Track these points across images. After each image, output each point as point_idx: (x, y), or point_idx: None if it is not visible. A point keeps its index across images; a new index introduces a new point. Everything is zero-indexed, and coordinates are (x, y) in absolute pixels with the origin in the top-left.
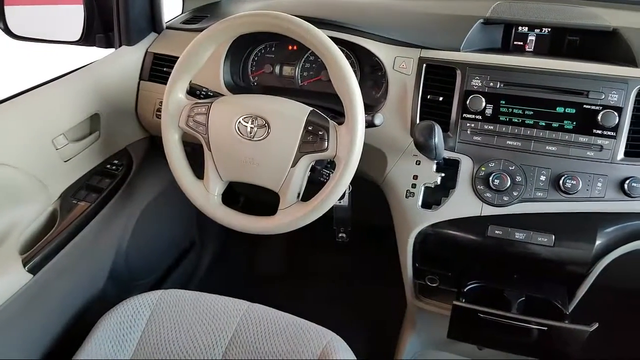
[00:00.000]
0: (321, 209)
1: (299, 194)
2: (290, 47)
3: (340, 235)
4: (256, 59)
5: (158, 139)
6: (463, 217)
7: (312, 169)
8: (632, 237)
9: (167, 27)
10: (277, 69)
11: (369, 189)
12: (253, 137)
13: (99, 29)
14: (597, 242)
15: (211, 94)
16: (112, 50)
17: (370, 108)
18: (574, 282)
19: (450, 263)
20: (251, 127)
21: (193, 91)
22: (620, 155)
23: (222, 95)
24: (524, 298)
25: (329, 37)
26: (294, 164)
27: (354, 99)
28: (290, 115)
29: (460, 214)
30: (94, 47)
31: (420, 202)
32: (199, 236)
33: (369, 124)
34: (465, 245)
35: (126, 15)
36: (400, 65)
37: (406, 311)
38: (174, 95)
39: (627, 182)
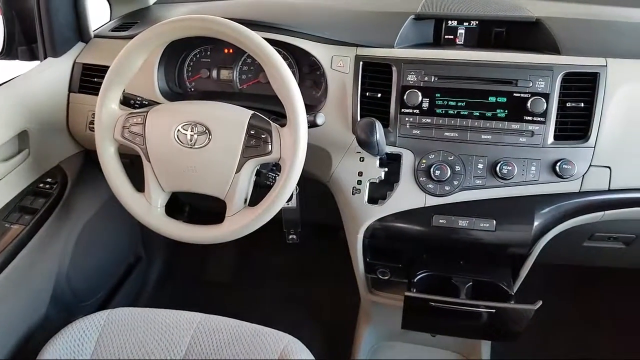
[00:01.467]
0: (269, 212)
1: (245, 199)
2: (226, 50)
3: (290, 236)
4: (192, 64)
5: (93, 153)
6: (408, 209)
7: (258, 173)
8: (566, 216)
9: (95, 36)
10: (214, 73)
11: (316, 188)
12: (194, 145)
13: (21, 41)
14: (536, 223)
15: (146, 102)
16: (37, 62)
17: (312, 108)
18: (517, 263)
19: (399, 255)
20: (191, 135)
21: (127, 101)
22: (550, 139)
23: (158, 103)
24: (471, 283)
25: (264, 39)
26: (238, 170)
27: (294, 100)
28: (231, 120)
29: (406, 206)
30: (17, 61)
31: (366, 198)
32: (145, 250)
33: (311, 124)
34: (413, 236)
35: (50, 25)
36: (338, 64)
37: (360, 306)
38: (107, 106)
39: (558, 164)
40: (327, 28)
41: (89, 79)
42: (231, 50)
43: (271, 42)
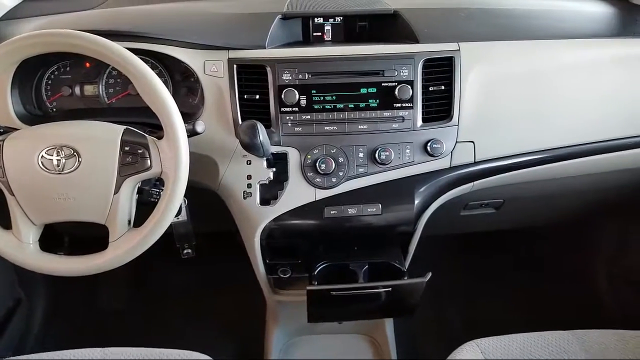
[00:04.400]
0: (157, 231)
1: (129, 220)
2: (88, 64)
3: (185, 251)
4: (50, 82)
5: None
6: (300, 205)
7: (140, 191)
8: (442, 191)
9: None
10: (76, 89)
11: (206, 197)
12: (62, 170)
13: None
14: (416, 202)
15: (1, 129)
16: None
17: (190, 116)
18: (405, 241)
19: (297, 251)
20: (58, 160)
21: None
22: (419, 122)
23: (16, 129)
24: (367, 266)
25: (128, 49)
26: (116, 190)
27: (168, 110)
28: (101, 139)
29: (297, 203)
30: None
31: (258, 200)
32: (25, 290)
33: (191, 133)
34: (308, 231)
35: None
36: (211, 69)
37: (267, 308)
38: None
39: (429, 144)
40: (195, 33)
41: None
42: (93, 64)
43: (136, 51)
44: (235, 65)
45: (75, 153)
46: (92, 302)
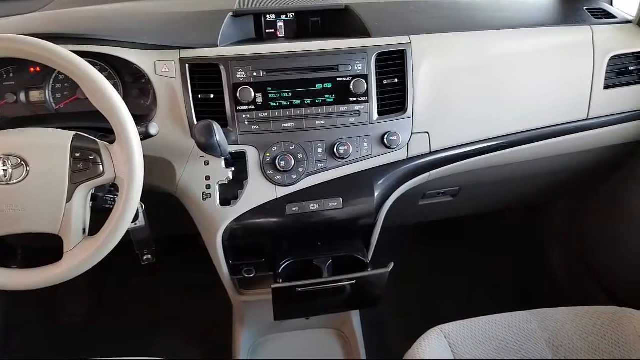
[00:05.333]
0: (113, 239)
1: (84, 229)
2: (32, 69)
3: (145, 257)
4: None
5: None
6: (262, 203)
7: (94, 198)
8: (400, 182)
9: None
10: (21, 96)
11: (164, 200)
12: (10, 181)
13: None
14: (376, 194)
15: None
16: None
17: (143, 118)
18: (367, 233)
19: (261, 250)
20: (4, 170)
21: None
22: (375, 115)
23: None
24: (331, 261)
25: (74, 52)
26: (69, 199)
27: (119, 114)
28: (49, 146)
29: (258, 201)
30: None
31: (218, 201)
32: None
33: (145, 136)
34: (270, 229)
35: None
36: (163, 70)
37: (233, 309)
38: None
39: (386, 136)
40: (144, 33)
41: None
42: (38, 69)
43: (83, 54)
44: (187, 65)
45: (22, 162)
46: (50, 315)
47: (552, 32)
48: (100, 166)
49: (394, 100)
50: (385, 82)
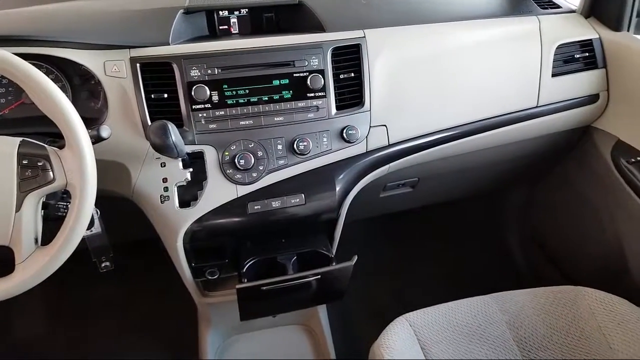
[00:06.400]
0: (68, 248)
1: (36, 239)
2: None
3: (103, 265)
4: None
5: None
6: (222, 203)
7: (46, 206)
8: (360, 175)
9: None
10: None
11: (121, 205)
12: None
13: None
14: (338, 188)
15: None
16: None
17: (94, 121)
18: (331, 228)
19: (224, 251)
20: None
21: None
22: (334, 110)
23: None
24: (295, 257)
25: (17, 54)
26: (18, 208)
27: (67, 117)
28: None
29: (219, 201)
30: None
31: (177, 203)
32: None
33: (96, 139)
34: (233, 229)
35: None
36: (112, 70)
37: (198, 312)
38: None
39: (345, 131)
40: (92, 33)
41: None
42: None
43: (26, 56)
44: (138, 64)
45: None
46: (7, 330)
47: (501, 22)
48: (50, 173)
49: (351, 94)
50: (342, 76)
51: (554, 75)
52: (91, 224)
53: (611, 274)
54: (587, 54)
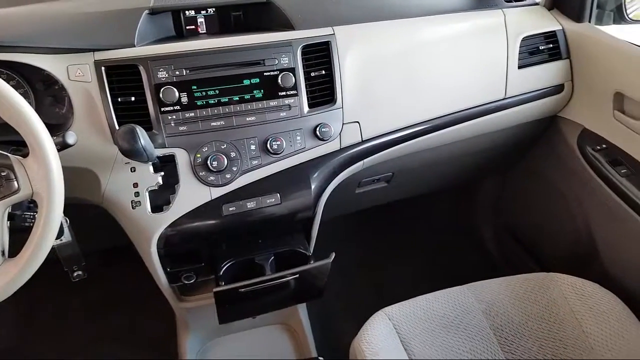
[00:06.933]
0: (36, 259)
1: (2, 251)
2: None
3: (75, 274)
4: None
5: None
6: (196, 207)
7: (12, 216)
8: (335, 173)
9: None
10: None
11: (92, 212)
12: None
13: None
14: (313, 186)
15: None
16: None
17: (59, 127)
18: (307, 226)
19: (199, 254)
20: None
21: None
22: (306, 108)
23: None
24: (273, 257)
25: None
26: None
27: (30, 124)
28: None
29: (193, 205)
30: None
31: (149, 208)
32: None
33: (62, 146)
34: (208, 232)
35: None
36: (76, 74)
37: (176, 317)
38: None
39: (318, 129)
40: (53, 36)
41: None
42: None
43: None
44: (103, 68)
45: None
46: None
47: (468, 17)
48: (15, 182)
49: (323, 92)
50: (313, 74)
51: (520, 67)
52: (60, 233)
53: (582, 259)
54: (551, 46)
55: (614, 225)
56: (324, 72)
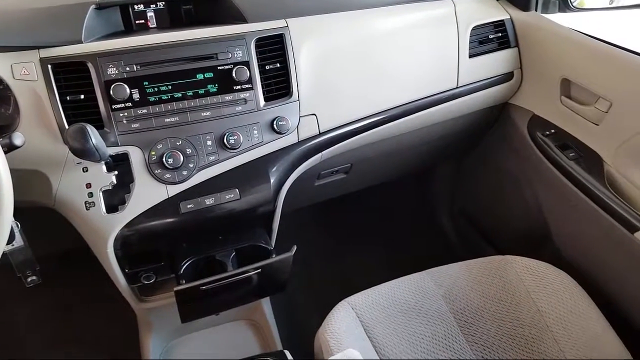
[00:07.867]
0: None
1: None
2: None
3: (30, 279)
4: None
5: None
6: (153, 205)
7: None
8: (294, 166)
9: None
10: None
11: (44, 215)
12: None
13: None
14: (272, 180)
15: None
16: None
17: (5, 129)
18: (268, 220)
19: (158, 254)
20: None
21: None
22: (262, 102)
23: None
24: (234, 253)
25: None
26: None
27: None
28: None
29: (149, 203)
30: None
31: (104, 209)
32: None
33: (9, 148)
34: (166, 230)
35: None
36: (22, 73)
37: (137, 318)
38: None
39: (275, 122)
40: None
41: None
42: None
43: None
44: (49, 65)
45: None
46: None
47: (419, 7)
48: None
49: (278, 85)
50: (267, 67)
51: (471, 56)
52: (12, 238)
53: (535, 241)
54: (500, 34)
55: (565, 207)
56: (278, 65)
